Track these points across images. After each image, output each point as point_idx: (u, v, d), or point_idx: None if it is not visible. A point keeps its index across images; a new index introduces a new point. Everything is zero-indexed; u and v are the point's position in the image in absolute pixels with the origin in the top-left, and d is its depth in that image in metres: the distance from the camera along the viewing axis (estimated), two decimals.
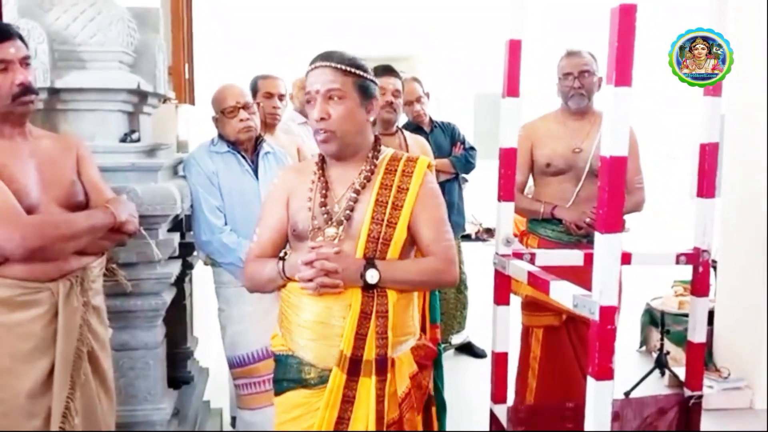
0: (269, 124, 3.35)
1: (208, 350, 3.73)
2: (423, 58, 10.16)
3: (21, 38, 1.82)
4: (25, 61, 1.81)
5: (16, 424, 1.75)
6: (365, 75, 1.79)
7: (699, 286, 2.26)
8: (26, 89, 1.79)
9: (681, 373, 3.72)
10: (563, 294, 1.82)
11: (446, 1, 7.53)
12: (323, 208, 1.80)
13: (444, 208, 1.88)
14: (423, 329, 1.98)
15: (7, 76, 1.75)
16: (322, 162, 1.88)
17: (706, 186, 2.22)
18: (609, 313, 1.64)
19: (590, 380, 1.69)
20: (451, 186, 4.10)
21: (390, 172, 1.82)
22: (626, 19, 1.60)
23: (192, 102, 4.02)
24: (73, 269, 1.84)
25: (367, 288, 1.72)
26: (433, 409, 1.96)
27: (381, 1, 7.34)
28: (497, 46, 2.42)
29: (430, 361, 1.91)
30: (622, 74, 1.61)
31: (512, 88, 2.23)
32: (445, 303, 4.25)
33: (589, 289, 1.72)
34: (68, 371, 1.81)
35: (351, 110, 1.76)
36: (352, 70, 1.76)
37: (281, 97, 3.40)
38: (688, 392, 2.27)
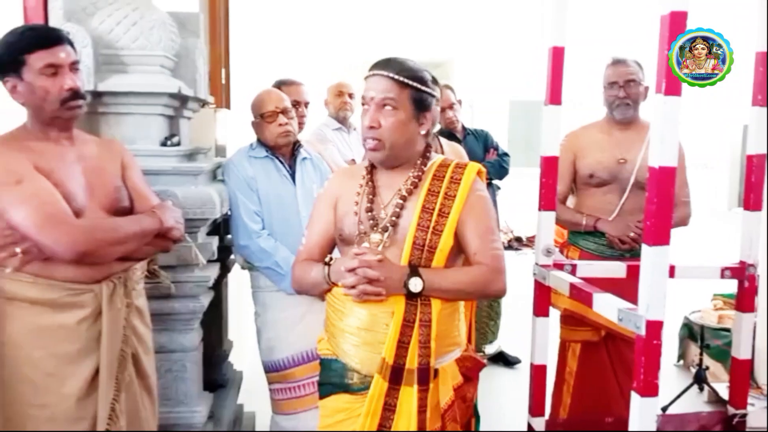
0: None
1: (242, 354, 3.75)
2: (457, 65, 10.15)
3: (71, 43, 1.84)
4: (74, 66, 1.82)
5: (63, 427, 1.76)
6: (422, 88, 1.75)
7: (745, 302, 2.21)
8: (75, 94, 1.80)
9: (721, 389, 3.65)
10: (607, 307, 1.79)
11: (481, 8, 7.51)
12: (369, 214, 1.78)
13: (493, 216, 1.84)
14: (469, 339, 1.94)
15: (57, 80, 1.76)
16: (371, 167, 1.87)
17: (754, 198, 2.17)
18: (656, 328, 1.60)
19: (634, 396, 1.65)
20: None
21: (438, 179, 1.80)
22: (677, 26, 1.57)
23: (228, 106, 4.05)
24: (116, 271, 1.85)
25: (411, 296, 1.70)
26: (473, 421, 1.93)
27: (416, 8, 7.34)
28: (532, 54, 2.40)
29: (476, 374, 1.88)
30: (672, 83, 1.58)
31: (554, 96, 2.20)
32: (478, 312, 4.21)
33: (631, 302, 1.69)
34: (113, 373, 1.82)
35: (402, 122, 1.74)
36: (409, 82, 1.73)
37: (306, 104, 3.39)
38: (731, 410, 2.21)
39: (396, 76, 1.72)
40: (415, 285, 1.68)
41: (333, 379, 1.81)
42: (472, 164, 1.85)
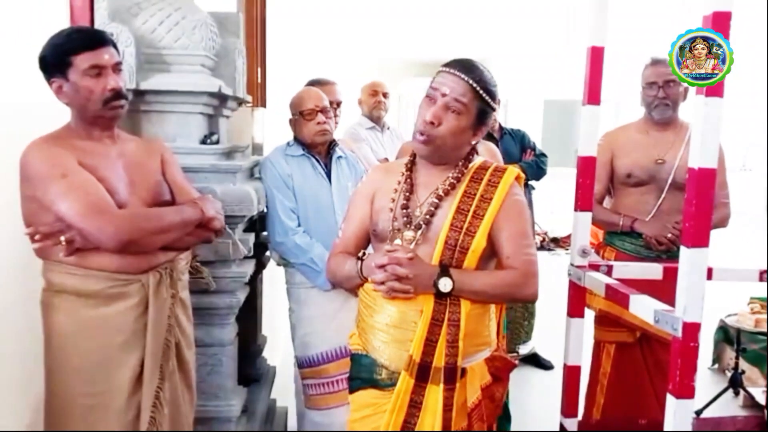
0: None
1: (275, 349, 3.79)
2: (492, 64, 10.08)
3: (114, 45, 1.88)
4: (117, 67, 1.86)
5: (111, 417, 1.81)
6: (491, 103, 1.78)
7: None
8: (117, 94, 1.84)
9: (757, 393, 3.60)
10: (643, 308, 1.78)
11: (516, 7, 7.47)
12: (404, 211, 1.80)
13: (528, 221, 1.84)
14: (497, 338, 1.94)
15: (100, 81, 1.81)
16: (411, 164, 1.88)
17: None
18: (693, 330, 1.60)
19: (670, 398, 1.65)
20: None
21: (475, 181, 1.80)
22: (720, 26, 1.56)
23: (264, 105, 4.09)
24: (161, 262, 1.89)
25: (440, 296, 1.71)
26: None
27: (451, 7, 7.33)
28: (567, 53, 2.39)
29: (506, 374, 1.87)
30: (714, 84, 1.57)
31: (593, 96, 2.19)
32: (512, 312, 4.20)
33: (666, 304, 1.68)
34: (158, 362, 1.86)
35: (461, 128, 1.76)
36: (483, 94, 1.75)
37: (339, 104, 3.41)
38: None
39: (475, 84, 1.73)
40: (445, 285, 1.69)
41: (362, 374, 1.84)
42: (511, 169, 1.85)
